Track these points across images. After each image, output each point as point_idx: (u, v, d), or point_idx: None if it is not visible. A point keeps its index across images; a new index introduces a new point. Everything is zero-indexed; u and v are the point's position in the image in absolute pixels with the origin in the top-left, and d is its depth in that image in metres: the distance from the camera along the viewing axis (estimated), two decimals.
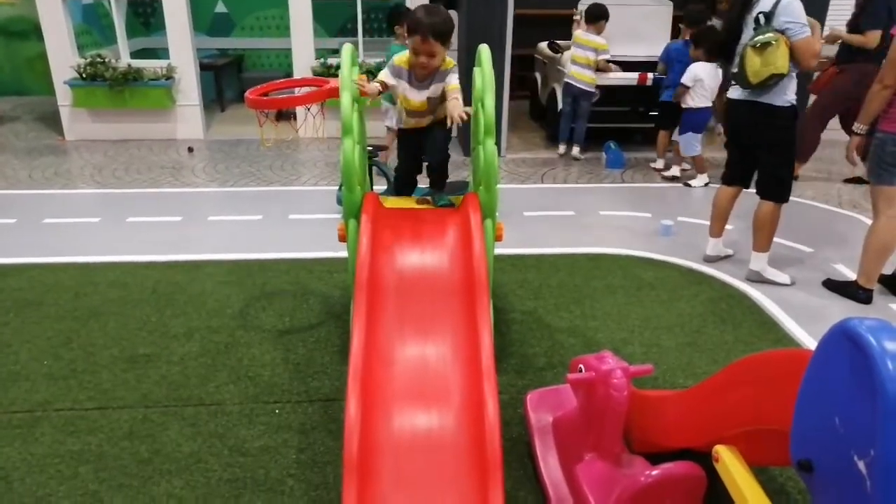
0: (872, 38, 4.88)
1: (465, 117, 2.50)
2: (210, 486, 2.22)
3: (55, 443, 2.41)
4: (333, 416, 2.55)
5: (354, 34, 7.04)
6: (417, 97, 2.66)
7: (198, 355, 2.98)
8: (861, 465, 1.22)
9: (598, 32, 5.93)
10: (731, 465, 1.68)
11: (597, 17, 5.92)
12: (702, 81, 5.26)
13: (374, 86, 2.59)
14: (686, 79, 5.30)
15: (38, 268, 3.84)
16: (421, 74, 2.60)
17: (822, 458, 1.32)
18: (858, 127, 3.38)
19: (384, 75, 2.66)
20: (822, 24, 5.97)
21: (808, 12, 3.38)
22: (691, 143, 5.51)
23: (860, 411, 1.24)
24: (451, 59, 2.64)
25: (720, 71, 5.23)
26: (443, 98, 2.65)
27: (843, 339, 1.30)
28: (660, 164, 6.01)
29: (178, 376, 2.82)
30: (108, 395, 2.69)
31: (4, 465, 2.30)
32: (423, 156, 2.86)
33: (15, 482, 2.23)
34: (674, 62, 5.60)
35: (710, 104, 5.35)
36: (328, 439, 2.44)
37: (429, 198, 2.78)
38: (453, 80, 2.62)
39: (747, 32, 3.44)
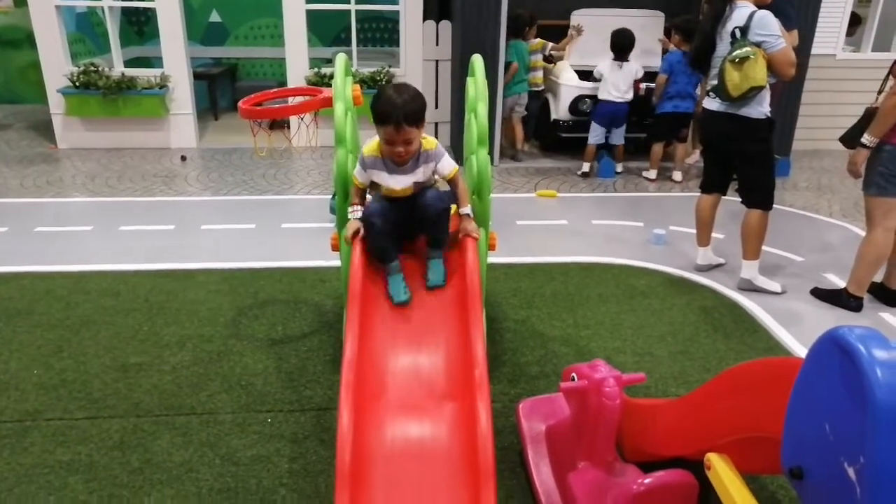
0: None
1: (477, 237, 2.37)
2: (201, 495, 2.21)
3: (45, 453, 2.40)
4: (326, 426, 2.55)
5: (349, 44, 7.07)
6: (400, 183, 2.37)
7: (190, 364, 2.96)
8: (851, 472, 1.22)
9: (528, 39, 6.44)
10: (723, 473, 1.69)
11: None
12: (604, 77, 5.88)
13: (354, 222, 2.33)
14: (595, 73, 5.98)
15: (30, 276, 3.82)
16: (400, 160, 2.34)
17: (812, 466, 1.33)
18: (870, 140, 3.30)
19: (358, 175, 2.41)
20: (815, 27, 6.06)
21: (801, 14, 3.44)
22: (591, 132, 6.04)
23: (850, 419, 1.25)
24: (431, 138, 2.39)
25: (630, 67, 5.85)
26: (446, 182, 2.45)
27: (832, 348, 1.31)
28: (652, 174, 6.04)
29: (169, 385, 2.81)
30: (98, 405, 2.67)
31: None
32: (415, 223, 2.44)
33: (3, 493, 2.21)
34: (677, 73, 5.63)
35: (612, 99, 5.88)
36: (321, 448, 2.43)
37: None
38: (450, 166, 2.39)
39: (721, 46, 3.50)
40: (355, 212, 2.40)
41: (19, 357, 3.01)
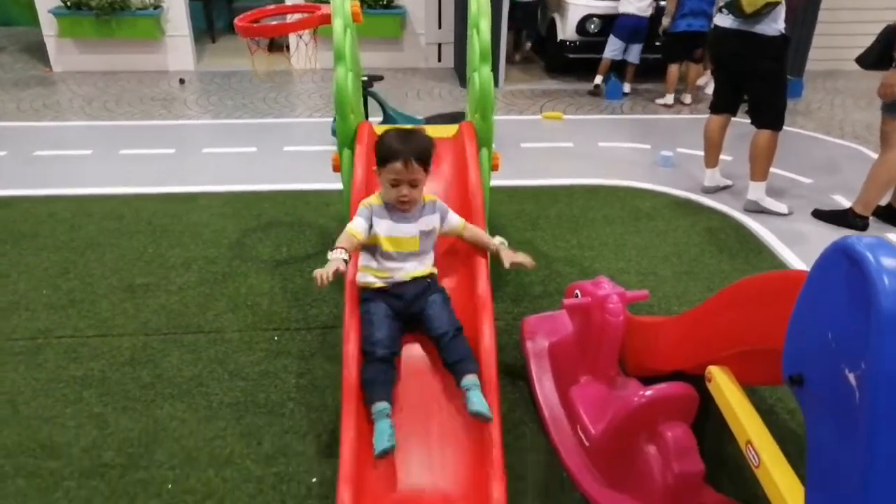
0: None
1: (531, 266, 2.17)
2: (212, 408, 2.26)
3: (58, 368, 2.45)
4: (332, 343, 2.58)
5: None
6: (408, 231, 2.08)
7: (196, 285, 2.99)
8: (851, 377, 1.23)
9: None
10: (724, 385, 1.71)
11: None
12: None
13: (336, 261, 1.96)
14: None
15: (32, 200, 3.81)
16: (405, 208, 2.08)
17: (813, 372, 1.34)
18: None
19: (357, 228, 2.05)
20: None
21: None
22: (609, 45, 5.97)
23: (853, 326, 1.25)
24: (429, 194, 2.18)
25: None
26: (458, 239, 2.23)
27: (840, 256, 1.30)
28: (669, 99, 5.85)
29: (176, 305, 2.84)
30: (107, 324, 2.71)
31: (10, 390, 2.34)
32: (423, 331, 2.07)
33: (21, 405, 2.27)
34: None
35: (635, 13, 5.78)
36: (327, 364, 2.48)
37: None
38: (457, 219, 2.19)
39: None
40: (337, 251, 2.01)
41: (27, 278, 3.03)
